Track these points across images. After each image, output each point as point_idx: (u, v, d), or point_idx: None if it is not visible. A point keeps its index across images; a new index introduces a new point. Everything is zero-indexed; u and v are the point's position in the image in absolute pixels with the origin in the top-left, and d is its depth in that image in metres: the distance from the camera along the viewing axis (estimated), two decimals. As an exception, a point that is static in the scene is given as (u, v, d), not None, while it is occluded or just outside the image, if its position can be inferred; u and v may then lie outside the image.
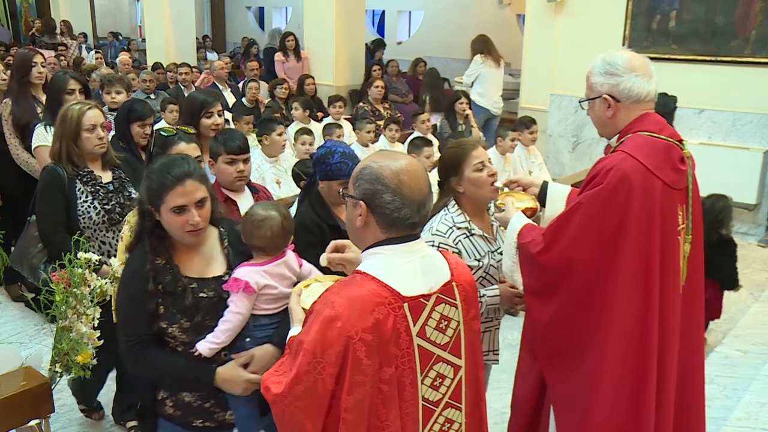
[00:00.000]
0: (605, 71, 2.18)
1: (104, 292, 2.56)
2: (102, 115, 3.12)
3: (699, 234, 2.28)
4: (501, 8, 12.42)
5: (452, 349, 1.69)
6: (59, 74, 4.07)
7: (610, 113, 2.20)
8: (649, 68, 2.20)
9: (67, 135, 3.02)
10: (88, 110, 3.04)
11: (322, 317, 1.53)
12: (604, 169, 2.11)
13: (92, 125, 3.03)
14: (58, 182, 3.01)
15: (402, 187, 1.59)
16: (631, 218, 2.06)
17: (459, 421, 1.76)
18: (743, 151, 6.09)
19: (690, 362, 2.31)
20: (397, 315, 1.57)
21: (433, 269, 1.68)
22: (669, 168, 2.14)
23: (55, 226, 3.00)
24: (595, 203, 2.09)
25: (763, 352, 4.20)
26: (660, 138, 2.15)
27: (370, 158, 1.67)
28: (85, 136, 3.02)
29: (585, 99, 2.28)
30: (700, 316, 2.38)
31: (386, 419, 1.57)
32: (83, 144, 3.04)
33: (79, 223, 3.01)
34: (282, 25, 15.89)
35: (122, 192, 3.14)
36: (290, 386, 1.55)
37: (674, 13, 6.43)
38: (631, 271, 2.08)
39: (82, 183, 3.05)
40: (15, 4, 14.74)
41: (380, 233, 1.63)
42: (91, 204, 3.04)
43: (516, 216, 2.36)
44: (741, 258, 5.77)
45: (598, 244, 2.09)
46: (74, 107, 3.06)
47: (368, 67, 9.11)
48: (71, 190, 3.02)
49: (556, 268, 2.16)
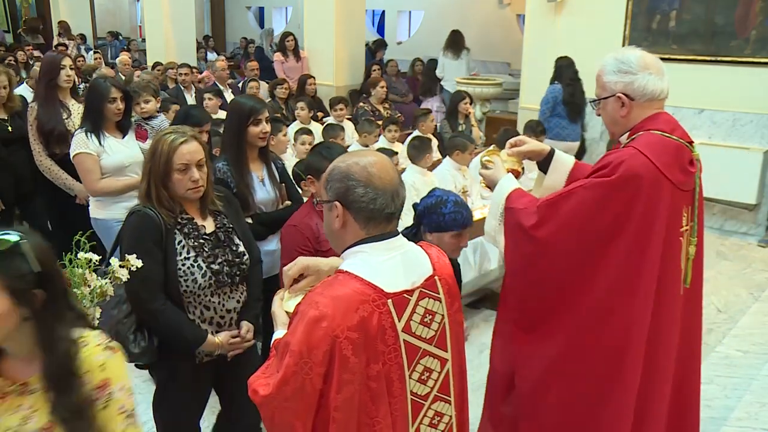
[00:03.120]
0: (619, 69, 2.18)
1: (104, 292, 2.55)
2: (202, 149, 2.47)
3: (702, 236, 2.27)
4: (501, 8, 12.42)
5: (438, 342, 1.71)
6: (100, 81, 3.94)
7: (624, 111, 2.19)
8: (661, 66, 2.20)
9: (155, 174, 2.42)
10: (182, 144, 2.41)
11: (308, 318, 1.54)
12: (614, 161, 2.09)
13: (185, 164, 2.40)
14: (154, 231, 2.39)
15: (372, 179, 1.61)
16: (633, 216, 2.05)
17: (449, 413, 1.77)
18: (743, 151, 6.08)
19: (688, 365, 2.31)
20: (382, 312, 1.58)
21: (415, 264, 1.69)
22: (678, 169, 2.13)
23: (152, 289, 2.39)
24: (597, 193, 2.08)
25: (763, 352, 4.20)
26: (671, 138, 2.14)
27: (337, 160, 1.69)
28: (176, 177, 2.40)
29: (597, 99, 2.26)
30: (699, 320, 2.38)
31: (376, 416, 1.59)
32: (174, 186, 2.42)
33: (179, 285, 2.42)
34: (282, 25, 15.90)
35: (229, 246, 2.55)
36: (278, 387, 1.56)
37: (674, 13, 6.42)
38: (622, 266, 2.07)
39: (182, 234, 2.44)
40: (15, 4, 14.75)
41: (359, 231, 1.64)
42: (194, 262, 2.43)
43: (506, 177, 2.33)
44: (741, 258, 5.81)
45: (591, 233, 2.08)
46: (167, 138, 2.43)
47: (368, 67, 9.11)
48: (169, 242, 2.41)
49: (543, 244, 2.15)
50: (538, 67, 7.36)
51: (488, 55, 12.21)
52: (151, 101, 4.49)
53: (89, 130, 3.77)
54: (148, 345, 2.45)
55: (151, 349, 2.47)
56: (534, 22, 7.42)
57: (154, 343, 2.47)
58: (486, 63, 12.20)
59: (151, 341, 2.47)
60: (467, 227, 2.47)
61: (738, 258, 5.81)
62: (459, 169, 5.01)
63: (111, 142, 3.82)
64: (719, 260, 5.77)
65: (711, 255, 5.73)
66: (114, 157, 3.80)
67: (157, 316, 2.40)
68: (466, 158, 4.96)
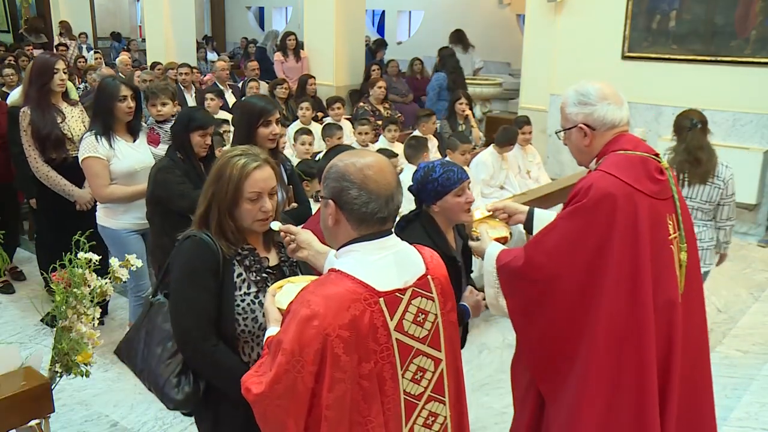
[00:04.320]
0: (579, 101, 2.26)
1: (104, 292, 2.56)
2: (275, 176, 2.12)
3: (693, 241, 2.32)
4: (501, 8, 12.43)
5: (431, 342, 1.71)
6: (109, 80, 3.83)
7: (587, 141, 2.26)
8: (620, 96, 2.27)
9: (221, 201, 2.04)
10: (256, 170, 2.04)
11: (299, 316, 1.55)
12: (583, 187, 2.16)
13: (257, 193, 2.04)
14: (211, 261, 2.03)
15: (368, 182, 1.61)
16: (615, 233, 2.10)
17: (444, 414, 1.77)
18: (743, 151, 6.08)
19: (696, 370, 2.32)
20: (374, 310, 1.59)
21: (408, 263, 1.70)
22: (646, 179, 2.18)
23: (205, 327, 2.02)
24: (575, 220, 2.14)
25: (763, 352, 4.20)
26: (635, 153, 2.21)
27: (337, 157, 1.70)
28: (246, 207, 2.04)
29: (561, 129, 2.34)
30: (703, 323, 2.39)
31: (368, 414, 1.59)
32: (241, 216, 2.06)
33: (236, 324, 2.03)
34: (282, 25, 15.91)
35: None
36: (270, 386, 1.57)
37: (674, 13, 6.43)
38: (616, 284, 2.11)
39: (242, 266, 2.08)
40: (15, 4, 14.76)
41: (351, 231, 1.65)
42: (255, 298, 2.06)
43: (492, 245, 2.40)
44: (741, 258, 5.80)
45: (580, 261, 2.13)
46: (237, 161, 2.04)
47: (368, 67, 9.11)
48: (227, 275, 2.05)
49: (539, 280, 2.19)
50: (538, 67, 7.37)
51: (488, 55, 12.21)
52: (168, 104, 4.36)
53: (99, 132, 3.67)
54: (193, 390, 2.09)
55: (196, 395, 2.10)
56: (534, 22, 7.42)
57: (200, 388, 2.11)
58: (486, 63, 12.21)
59: (197, 386, 2.10)
60: (464, 181, 2.43)
61: (738, 258, 5.81)
62: (458, 169, 5.03)
63: (121, 145, 3.73)
64: (719, 260, 5.76)
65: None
66: (124, 162, 3.71)
67: (208, 357, 2.03)
68: (458, 158, 4.99)
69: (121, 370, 3.95)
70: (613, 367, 2.13)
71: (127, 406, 3.62)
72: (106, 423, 3.51)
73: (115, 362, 4.09)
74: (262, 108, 3.11)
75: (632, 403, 2.13)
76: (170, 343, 2.11)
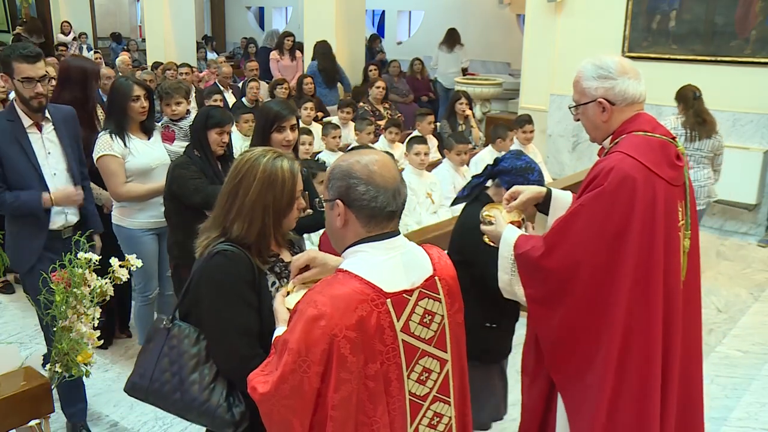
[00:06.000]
0: (598, 75, 2.19)
1: (104, 292, 2.55)
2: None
3: (696, 229, 2.29)
4: (501, 8, 12.42)
5: (437, 343, 1.71)
6: (122, 80, 3.82)
7: (605, 116, 2.20)
8: (638, 71, 2.23)
9: (278, 209, 1.92)
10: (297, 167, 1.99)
11: (306, 316, 1.55)
12: (604, 170, 2.10)
13: (300, 191, 1.99)
14: (247, 274, 1.92)
15: (374, 176, 1.62)
16: (635, 217, 2.06)
17: (448, 414, 1.77)
18: (743, 151, 6.08)
19: (691, 359, 2.31)
20: (380, 311, 1.59)
21: (415, 265, 1.69)
22: (666, 165, 2.15)
23: (253, 344, 1.90)
24: (597, 204, 2.09)
25: (763, 352, 4.20)
26: (654, 136, 2.16)
27: (338, 159, 1.70)
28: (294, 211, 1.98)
29: (576, 104, 2.27)
30: (698, 312, 2.38)
31: (373, 415, 1.59)
32: (290, 218, 1.99)
33: (271, 337, 1.85)
34: (282, 25, 15.91)
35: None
36: (276, 385, 1.57)
37: (674, 13, 6.43)
38: (636, 270, 2.08)
39: (274, 274, 2.00)
40: (15, 4, 14.75)
41: (361, 229, 1.65)
42: None
43: (508, 228, 2.32)
44: (741, 258, 5.81)
45: (603, 245, 2.08)
46: (282, 163, 1.93)
47: (365, 68, 9.11)
48: (263, 286, 1.96)
49: (561, 272, 2.13)
50: (538, 67, 7.37)
51: (488, 55, 12.23)
52: (182, 103, 4.35)
53: (113, 131, 3.65)
54: (246, 405, 1.93)
55: (250, 409, 1.92)
56: (534, 22, 7.42)
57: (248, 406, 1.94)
58: (486, 63, 12.22)
59: (249, 401, 1.88)
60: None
61: (738, 258, 5.82)
62: (457, 169, 5.06)
63: (136, 143, 3.70)
64: (719, 260, 5.77)
65: (711, 255, 5.73)
66: (140, 160, 3.67)
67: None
68: (454, 158, 5.01)
69: (121, 370, 3.95)
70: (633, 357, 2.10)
71: (127, 406, 3.62)
72: (106, 423, 3.51)
73: (116, 362, 4.10)
74: (276, 113, 3.11)
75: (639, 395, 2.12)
76: (206, 367, 1.93)
